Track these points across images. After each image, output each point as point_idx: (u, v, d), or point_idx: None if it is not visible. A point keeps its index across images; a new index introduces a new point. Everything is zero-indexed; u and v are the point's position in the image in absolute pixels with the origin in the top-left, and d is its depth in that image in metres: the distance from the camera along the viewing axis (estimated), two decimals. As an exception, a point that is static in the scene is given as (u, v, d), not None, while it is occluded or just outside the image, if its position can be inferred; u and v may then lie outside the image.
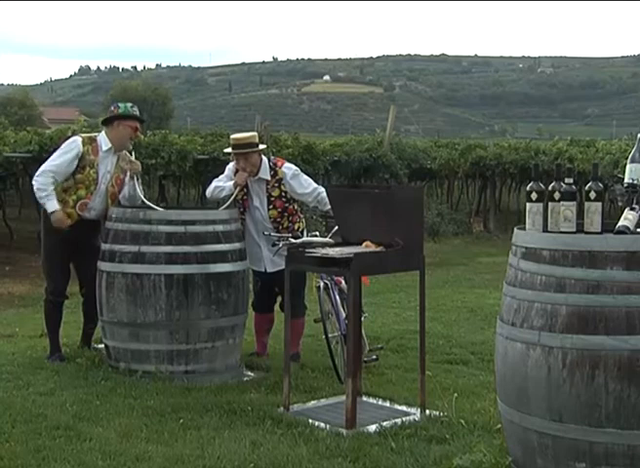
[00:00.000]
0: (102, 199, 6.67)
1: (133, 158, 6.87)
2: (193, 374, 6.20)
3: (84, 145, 6.61)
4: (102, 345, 6.62)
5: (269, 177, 6.69)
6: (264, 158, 6.77)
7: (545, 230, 4.13)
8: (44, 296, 6.87)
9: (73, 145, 6.59)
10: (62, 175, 6.54)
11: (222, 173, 6.96)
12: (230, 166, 6.91)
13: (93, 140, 6.69)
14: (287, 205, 6.74)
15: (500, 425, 4.66)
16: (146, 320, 6.15)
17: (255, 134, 6.87)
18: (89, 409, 5.40)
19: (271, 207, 6.71)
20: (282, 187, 6.70)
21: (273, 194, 6.70)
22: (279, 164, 6.80)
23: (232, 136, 6.81)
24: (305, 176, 6.86)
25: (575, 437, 3.81)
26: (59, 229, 6.56)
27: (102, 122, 6.97)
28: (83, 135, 6.87)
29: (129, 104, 6.85)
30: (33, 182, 6.53)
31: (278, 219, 6.73)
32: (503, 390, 4.16)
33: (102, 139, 6.70)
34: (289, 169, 6.78)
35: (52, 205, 6.50)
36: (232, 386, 6.03)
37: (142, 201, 6.70)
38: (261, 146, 6.77)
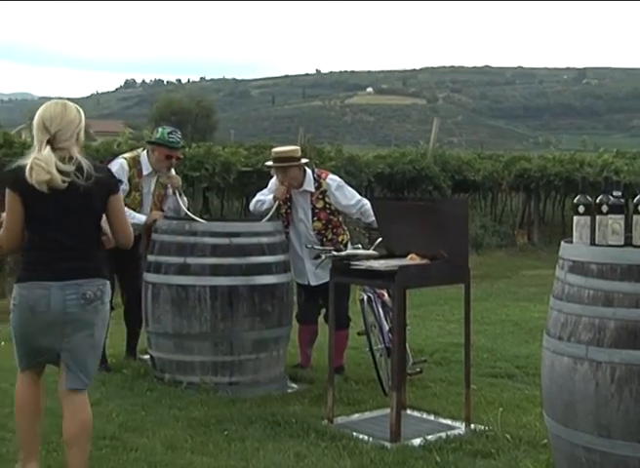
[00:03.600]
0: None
1: (172, 172, 6.91)
2: (237, 386, 6.22)
3: (130, 169, 6.68)
4: (148, 356, 6.67)
5: (314, 189, 6.71)
6: (309, 170, 6.79)
7: (593, 243, 4.09)
8: (91, 308, 6.93)
9: (121, 171, 6.62)
10: (124, 194, 6.61)
11: (267, 185, 7.00)
12: (274, 180, 6.93)
13: (136, 162, 6.75)
14: (331, 217, 6.75)
15: (546, 440, 4.62)
16: (191, 331, 6.19)
17: (296, 148, 6.89)
18: (134, 419, 5.45)
19: (315, 219, 6.72)
20: (326, 199, 6.72)
21: (317, 206, 6.72)
22: (323, 176, 6.83)
23: (273, 150, 6.85)
24: (349, 188, 6.87)
25: (624, 453, 3.76)
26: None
27: (147, 142, 7.04)
28: (126, 156, 6.87)
29: (167, 130, 6.81)
30: None
31: (322, 231, 6.74)
32: (550, 405, 4.12)
33: (144, 162, 6.76)
34: (333, 180, 6.80)
35: (139, 218, 6.60)
36: (276, 398, 6.04)
37: (186, 213, 6.75)
38: (303, 160, 6.77)
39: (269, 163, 6.85)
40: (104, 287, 4.16)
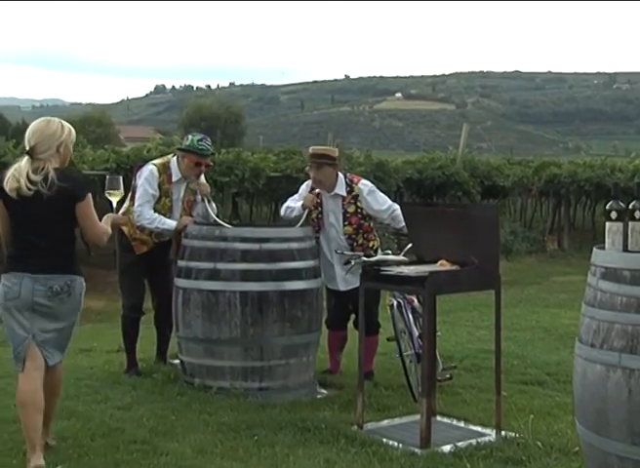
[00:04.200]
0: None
1: (202, 180, 6.93)
2: (267, 391, 6.23)
3: (160, 175, 6.70)
4: (178, 361, 6.70)
5: (345, 193, 6.73)
6: (341, 175, 6.81)
7: (626, 250, 4.05)
8: (121, 312, 6.99)
9: (151, 177, 6.68)
10: (154, 200, 6.66)
11: (297, 191, 7.02)
12: (304, 186, 6.96)
13: (166, 168, 6.76)
14: (362, 221, 6.75)
15: (577, 448, 4.59)
16: (221, 336, 6.21)
17: (334, 149, 6.93)
18: (165, 423, 5.48)
19: (347, 223, 6.73)
20: (358, 204, 6.73)
21: (349, 210, 6.73)
22: (355, 180, 6.85)
23: (311, 147, 6.89)
24: (381, 193, 6.89)
25: (657, 462, 3.72)
26: (134, 248, 6.76)
27: (177, 149, 7.04)
28: (156, 162, 6.88)
29: (197, 137, 6.77)
30: (140, 223, 6.63)
31: (353, 236, 6.75)
32: (582, 412, 4.08)
33: (174, 169, 6.77)
34: (365, 185, 6.82)
35: (169, 224, 6.63)
36: (306, 403, 6.05)
37: (215, 221, 6.76)
38: (334, 163, 6.78)
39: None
40: (73, 282, 4.75)
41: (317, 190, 6.81)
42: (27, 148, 4.66)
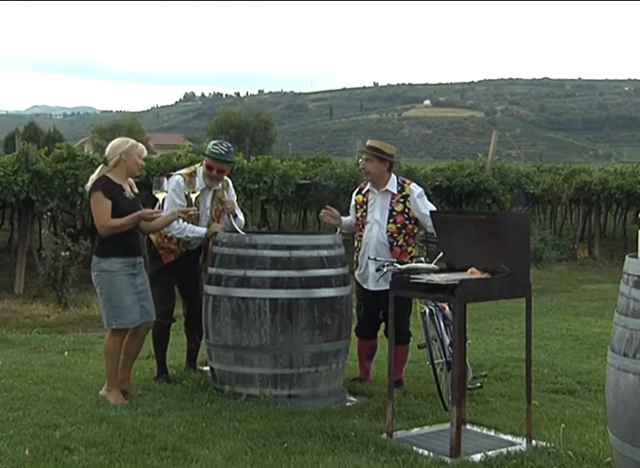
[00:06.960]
0: None
1: (229, 195, 6.95)
2: (297, 399, 6.22)
3: (186, 185, 6.73)
4: (208, 368, 6.72)
5: (395, 191, 6.82)
6: (394, 175, 6.92)
7: (659, 258, 4.02)
8: (152, 319, 7.01)
9: (178, 187, 6.71)
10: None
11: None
12: (354, 195, 7.11)
13: (192, 178, 6.80)
14: (407, 222, 6.78)
15: (609, 458, 4.55)
16: (251, 343, 6.22)
17: (390, 146, 6.99)
18: (195, 430, 5.49)
19: (391, 221, 6.77)
20: (407, 204, 6.79)
21: (396, 209, 6.78)
22: (407, 182, 6.97)
23: (370, 139, 7.06)
24: (427, 201, 6.94)
25: (691, 473, 3.68)
26: (161, 256, 6.78)
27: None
28: (182, 172, 6.88)
29: (214, 141, 6.83)
30: (170, 233, 6.65)
31: (395, 235, 6.76)
32: (615, 422, 4.05)
33: (198, 178, 6.80)
34: (416, 188, 6.93)
35: (199, 231, 6.67)
36: (335, 411, 6.03)
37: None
38: (389, 160, 6.84)
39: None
40: (93, 261, 6.27)
41: (367, 188, 6.90)
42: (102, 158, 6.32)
